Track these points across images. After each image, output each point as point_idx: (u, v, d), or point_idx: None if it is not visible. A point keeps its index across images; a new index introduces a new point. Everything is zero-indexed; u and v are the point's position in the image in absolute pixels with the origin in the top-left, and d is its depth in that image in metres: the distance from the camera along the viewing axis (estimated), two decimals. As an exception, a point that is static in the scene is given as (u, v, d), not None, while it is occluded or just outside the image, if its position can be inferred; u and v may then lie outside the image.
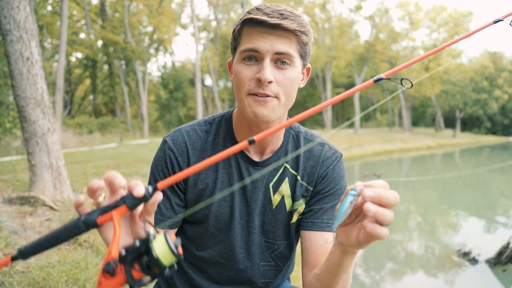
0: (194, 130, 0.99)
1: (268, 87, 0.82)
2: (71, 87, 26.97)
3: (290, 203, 0.99)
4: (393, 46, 33.33)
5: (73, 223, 0.57)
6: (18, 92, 3.87)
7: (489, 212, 7.10)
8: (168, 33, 25.37)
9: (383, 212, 0.57)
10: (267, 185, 0.98)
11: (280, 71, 0.84)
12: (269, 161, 0.98)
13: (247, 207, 0.98)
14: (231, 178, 0.97)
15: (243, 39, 0.85)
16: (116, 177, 0.57)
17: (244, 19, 0.83)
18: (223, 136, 0.99)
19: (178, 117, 29.88)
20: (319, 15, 31.14)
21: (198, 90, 21.63)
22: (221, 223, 0.98)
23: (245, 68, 0.84)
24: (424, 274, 4.06)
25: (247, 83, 0.84)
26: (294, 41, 0.83)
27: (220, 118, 1.03)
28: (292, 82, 0.85)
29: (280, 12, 0.81)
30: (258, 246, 1.01)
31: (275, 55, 0.82)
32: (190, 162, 0.96)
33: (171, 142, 0.97)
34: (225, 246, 1.00)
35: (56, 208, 3.75)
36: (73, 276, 2.36)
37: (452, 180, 11.41)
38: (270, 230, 1.00)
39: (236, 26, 0.87)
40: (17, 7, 3.78)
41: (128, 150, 12.01)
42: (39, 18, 17.34)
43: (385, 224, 0.58)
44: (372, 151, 18.33)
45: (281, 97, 0.85)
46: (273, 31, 0.81)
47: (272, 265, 1.04)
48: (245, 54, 0.84)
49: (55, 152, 4.11)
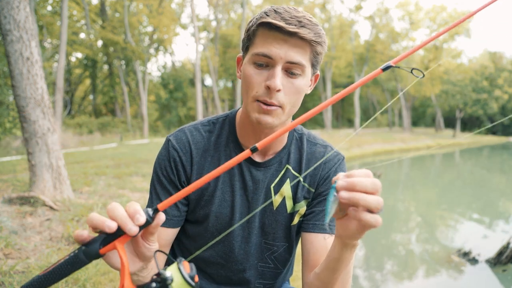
0: (198, 130, 0.99)
1: (275, 96, 0.82)
2: (71, 87, 26.96)
3: (291, 204, 0.99)
4: (393, 46, 33.32)
5: (74, 257, 0.55)
6: (18, 92, 3.87)
7: (489, 212, 7.10)
8: (168, 33, 25.36)
9: (361, 197, 0.58)
10: (269, 186, 0.98)
11: (290, 79, 0.83)
12: (271, 162, 0.98)
13: (248, 208, 0.98)
14: (232, 178, 0.97)
15: (257, 42, 0.83)
16: (117, 216, 0.56)
17: (261, 21, 0.81)
18: (226, 137, 0.99)
19: (178, 117, 29.87)
20: (319, 15, 31.14)
21: (198, 90, 21.63)
22: (221, 223, 0.98)
23: (256, 73, 0.83)
24: (424, 274, 4.06)
25: (255, 88, 0.83)
26: (308, 51, 0.82)
27: (224, 118, 1.02)
28: (299, 92, 0.85)
29: (298, 19, 0.79)
30: (258, 247, 1.01)
31: (287, 64, 0.81)
32: (193, 162, 0.96)
33: (175, 141, 0.97)
34: (224, 246, 1.00)
35: (56, 208, 3.75)
36: (73, 276, 2.36)
37: (452, 180, 11.41)
38: (270, 231, 1.00)
39: (251, 24, 0.85)
40: (17, 7, 3.78)
41: (128, 150, 12.01)
42: (39, 18, 17.34)
43: (374, 210, 0.59)
44: (372, 151, 18.33)
45: (286, 107, 0.84)
46: (289, 39, 0.80)
47: (271, 267, 1.04)
48: (258, 58, 0.83)
49: (55, 152, 4.11)
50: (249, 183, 0.97)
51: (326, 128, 30.40)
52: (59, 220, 3.50)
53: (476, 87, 36.25)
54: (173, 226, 0.98)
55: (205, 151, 0.97)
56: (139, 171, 7.13)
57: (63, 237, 3.10)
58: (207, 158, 0.97)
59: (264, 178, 0.98)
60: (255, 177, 0.97)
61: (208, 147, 0.98)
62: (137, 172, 7.09)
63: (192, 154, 0.96)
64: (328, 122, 31.49)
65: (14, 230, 3.10)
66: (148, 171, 7.17)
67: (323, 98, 34.10)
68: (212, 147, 0.98)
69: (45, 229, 3.27)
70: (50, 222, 3.43)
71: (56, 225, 3.39)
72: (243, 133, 0.97)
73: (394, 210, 7.11)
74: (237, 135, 0.99)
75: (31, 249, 2.83)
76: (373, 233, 5.49)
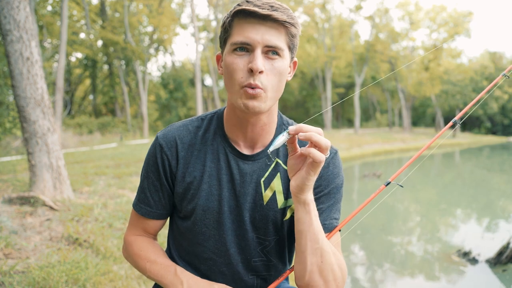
0: (185, 126, 1.02)
1: (258, 78, 0.84)
2: (71, 87, 26.95)
3: (282, 199, 0.98)
4: (393, 46, 33.33)
5: None
6: (18, 92, 3.87)
7: (489, 212, 7.10)
8: (168, 33, 25.38)
9: (314, 135, 0.75)
10: (258, 180, 0.98)
11: (270, 61, 0.86)
12: (259, 156, 0.98)
13: (236, 201, 0.98)
14: (219, 172, 0.97)
15: (234, 31, 0.86)
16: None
17: (234, 11, 0.85)
18: (213, 131, 1.00)
19: (178, 117, 29.87)
20: (319, 15, 31.14)
21: (198, 90, 21.63)
22: (209, 217, 0.98)
23: (237, 59, 0.86)
24: (424, 274, 4.06)
25: (240, 74, 0.85)
26: (283, 33, 0.86)
27: (213, 114, 1.05)
28: (280, 73, 0.87)
29: (270, 4, 0.84)
30: (250, 242, 1.01)
31: (265, 47, 0.85)
32: (179, 156, 0.98)
33: (162, 138, 1.00)
34: (216, 241, 1.00)
35: (56, 208, 3.76)
36: (73, 276, 2.36)
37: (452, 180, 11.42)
38: (261, 226, 0.99)
39: (226, 18, 0.88)
40: (17, 7, 3.78)
41: (128, 150, 12.01)
42: (39, 18, 17.34)
43: (323, 148, 0.76)
44: (372, 151, 18.33)
45: (268, 90, 0.86)
46: (264, 22, 0.83)
47: (264, 260, 1.03)
48: (236, 46, 0.86)
49: (55, 152, 4.11)
50: (236, 176, 0.97)
51: (326, 128, 30.39)
52: (59, 220, 3.50)
53: (476, 87, 36.27)
54: (159, 218, 1.05)
55: (190, 145, 0.99)
56: (139, 171, 7.13)
57: (63, 237, 3.10)
58: (193, 152, 0.98)
59: (252, 172, 0.97)
60: (242, 170, 0.97)
61: (194, 142, 0.99)
62: (137, 172, 7.09)
63: (177, 148, 0.98)
64: (328, 122, 31.49)
65: (14, 230, 3.10)
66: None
67: (323, 98, 34.11)
68: (199, 141, 0.99)
69: (45, 229, 3.27)
70: (50, 222, 3.43)
71: (56, 225, 3.39)
72: (231, 125, 0.98)
73: (394, 210, 7.11)
74: (224, 129, 1.00)
75: (31, 249, 2.83)
76: (373, 233, 5.50)
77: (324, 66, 31.09)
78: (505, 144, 31.48)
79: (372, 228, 5.65)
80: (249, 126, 0.95)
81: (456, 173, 13.44)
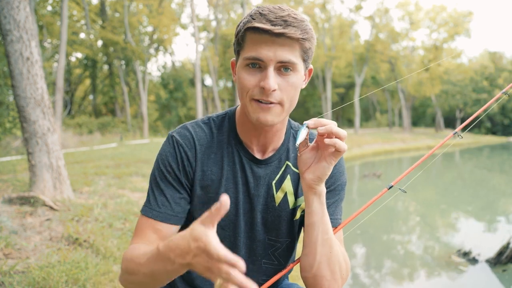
0: (200, 127, 1.00)
1: (272, 95, 0.84)
2: (71, 87, 26.93)
3: (293, 200, 1.01)
4: (393, 46, 33.32)
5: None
6: (18, 92, 3.87)
7: (489, 212, 7.10)
8: (168, 33, 25.36)
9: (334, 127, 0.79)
10: (270, 182, 1.00)
11: (284, 77, 0.85)
12: (271, 159, 1.00)
13: (250, 204, 1.00)
14: (235, 175, 0.99)
15: (247, 46, 0.85)
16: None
17: (247, 26, 0.83)
18: (227, 134, 1.00)
19: (178, 117, 29.87)
20: (319, 15, 31.12)
21: (198, 90, 21.63)
22: (226, 220, 0.99)
23: (249, 75, 0.85)
24: (424, 274, 4.06)
25: (250, 89, 0.85)
26: (297, 48, 0.84)
27: (223, 115, 1.04)
28: (295, 88, 0.87)
29: (283, 19, 0.81)
30: (261, 244, 1.02)
31: (278, 64, 0.84)
32: (197, 158, 0.97)
33: (179, 137, 0.98)
34: (228, 242, 1.01)
35: (56, 208, 3.76)
36: (73, 276, 2.36)
37: (452, 180, 11.42)
38: (273, 227, 1.01)
39: (239, 29, 0.87)
40: (17, 7, 3.78)
41: (128, 150, 12.01)
42: (39, 18, 17.33)
43: (342, 138, 0.80)
44: (372, 151, 18.33)
45: (285, 103, 0.87)
46: (277, 39, 0.82)
47: (274, 263, 1.05)
48: (249, 61, 0.85)
49: (55, 152, 4.11)
50: (251, 180, 0.99)
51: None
52: (59, 220, 3.49)
53: (476, 87, 36.28)
54: (176, 223, 0.95)
55: (208, 148, 0.99)
56: (139, 171, 7.13)
57: (63, 237, 3.10)
58: (210, 155, 0.98)
59: (265, 175, 0.99)
60: (256, 174, 0.99)
61: (211, 144, 0.99)
62: (137, 172, 7.09)
63: (196, 150, 0.97)
64: (328, 122, 31.41)
65: (14, 230, 3.10)
66: (148, 171, 7.16)
67: (323, 98, 34.06)
68: (216, 144, 0.99)
69: (45, 229, 3.27)
70: (50, 222, 3.43)
71: (56, 225, 3.39)
72: (244, 130, 0.99)
73: (394, 210, 7.11)
74: (237, 132, 1.00)
75: (31, 249, 2.83)
76: (373, 233, 5.50)
77: (324, 66, 31.06)
78: (505, 144, 31.47)
79: (372, 228, 5.65)
80: (263, 132, 0.96)
81: (456, 173, 13.44)
